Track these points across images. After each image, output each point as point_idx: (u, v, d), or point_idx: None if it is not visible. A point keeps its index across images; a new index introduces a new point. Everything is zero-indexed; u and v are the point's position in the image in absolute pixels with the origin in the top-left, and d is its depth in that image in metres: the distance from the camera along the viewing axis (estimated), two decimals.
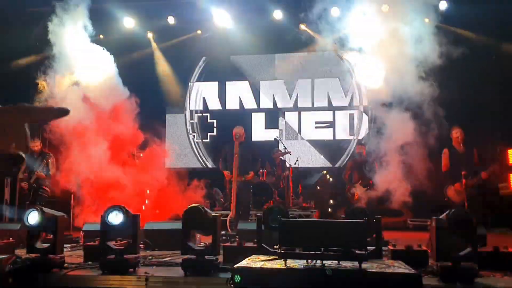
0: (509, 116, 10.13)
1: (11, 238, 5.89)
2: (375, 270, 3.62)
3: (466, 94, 10.09)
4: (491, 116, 10.23)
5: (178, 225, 4.77)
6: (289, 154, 10.97)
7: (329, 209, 10.60)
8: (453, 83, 10.16)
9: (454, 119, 8.76)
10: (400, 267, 3.77)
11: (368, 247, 3.97)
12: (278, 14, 11.23)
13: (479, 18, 10.10)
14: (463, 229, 4.21)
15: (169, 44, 12.27)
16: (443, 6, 10.44)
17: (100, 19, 10.89)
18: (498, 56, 10.59)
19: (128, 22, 11.54)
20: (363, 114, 12.11)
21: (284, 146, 10.94)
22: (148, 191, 9.31)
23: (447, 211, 4.33)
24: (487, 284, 4.07)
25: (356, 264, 3.70)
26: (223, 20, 11.55)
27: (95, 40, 10.15)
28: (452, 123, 7.87)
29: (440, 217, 4.46)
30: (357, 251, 3.78)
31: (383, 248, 4.57)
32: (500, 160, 7.86)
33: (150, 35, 12.13)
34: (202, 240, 6.34)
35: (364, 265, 3.69)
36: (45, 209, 4.76)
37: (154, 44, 12.32)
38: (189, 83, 12.87)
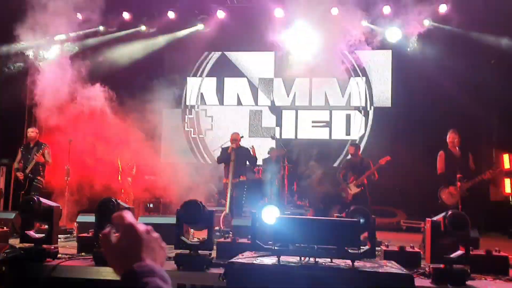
0: (504, 120, 10.20)
1: (5, 227, 5.88)
2: (367, 270, 3.64)
3: (462, 97, 10.14)
4: (487, 121, 10.29)
5: (172, 219, 4.78)
6: (285, 152, 10.97)
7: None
8: (450, 86, 10.24)
9: (451, 122, 8.83)
10: (393, 267, 3.79)
11: (362, 247, 3.99)
12: (279, 12, 11.22)
13: (480, 21, 10.13)
14: (459, 231, 4.23)
15: (169, 39, 12.25)
16: (443, 9, 10.50)
17: (99, 10, 10.88)
18: (497, 60, 10.64)
19: (127, 16, 11.54)
20: (360, 114, 12.14)
21: (280, 144, 10.95)
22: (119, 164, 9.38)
23: (444, 213, 4.36)
24: (478, 287, 4.10)
25: (349, 262, 3.72)
26: (223, 16, 11.54)
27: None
28: (448, 126, 7.92)
29: (435, 218, 4.49)
30: (351, 250, 3.80)
31: (376, 248, 4.59)
32: (499, 165, 7.92)
33: (143, 28, 12.10)
34: (195, 236, 6.35)
35: (356, 264, 3.71)
36: (41, 199, 4.76)
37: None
38: (187, 78, 12.85)
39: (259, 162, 11.16)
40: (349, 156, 9.79)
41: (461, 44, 10.41)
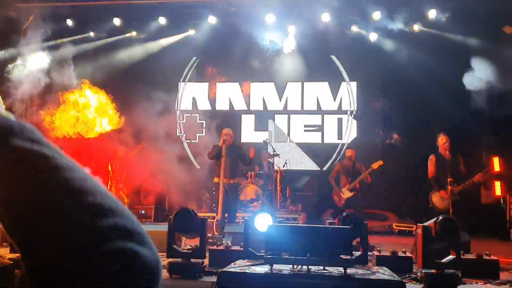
0: (494, 124, 10.28)
1: None
2: (359, 277, 3.66)
3: (452, 101, 10.22)
4: (478, 124, 10.37)
5: (164, 227, 4.77)
6: (277, 156, 10.98)
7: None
8: (440, 90, 10.32)
9: (441, 126, 8.90)
10: (384, 274, 3.80)
11: (354, 252, 4.00)
12: (270, 18, 11.25)
13: (472, 25, 10.22)
14: (450, 236, 4.27)
15: (160, 44, 12.24)
16: (432, 14, 10.58)
17: (89, 17, 10.93)
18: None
19: (117, 22, 11.54)
20: (352, 118, 12.19)
21: (273, 148, 10.96)
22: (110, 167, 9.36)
23: (435, 219, 4.40)
24: None
25: (341, 269, 3.73)
26: (214, 22, 11.57)
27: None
28: (439, 130, 7.97)
29: (426, 223, 4.53)
30: (343, 257, 3.81)
31: (368, 253, 4.61)
32: (489, 167, 7.99)
33: (134, 34, 12.09)
34: (187, 243, 6.34)
35: (349, 271, 3.73)
36: None
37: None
38: (179, 83, 12.84)
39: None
40: (343, 159, 9.82)
41: (450, 49, 10.49)
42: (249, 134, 12.47)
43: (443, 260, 4.30)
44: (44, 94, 8.63)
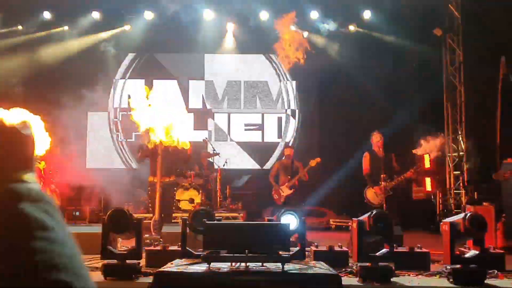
0: (426, 122, 10.75)
1: None
2: (296, 272, 3.68)
3: (386, 100, 10.60)
4: (410, 122, 10.80)
5: (97, 228, 4.58)
6: (217, 155, 10.90)
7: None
8: (374, 89, 10.68)
9: (375, 124, 9.18)
10: (321, 268, 3.85)
11: (292, 248, 4.02)
12: (208, 14, 11.16)
13: (405, 26, 10.66)
14: (383, 230, 4.39)
15: (93, 40, 11.77)
16: (367, 15, 10.94)
17: (18, 9, 10.35)
18: (420, 64, 11.22)
19: (48, 15, 11.02)
20: (291, 117, 12.34)
21: (212, 147, 10.88)
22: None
23: (369, 213, 4.50)
24: (402, 283, 4.28)
25: (279, 265, 3.74)
26: (150, 17, 11.31)
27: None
28: (373, 128, 8.21)
29: (360, 218, 4.63)
30: (281, 253, 3.82)
31: (306, 248, 4.66)
32: (420, 164, 8.32)
33: (66, 28, 11.57)
34: (123, 244, 6.13)
35: (286, 267, 3.74)
36: None
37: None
38: (114, 80, 12.41)
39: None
40: (283, 158, 9.89)
41: (384, 48, 10.89)
42: (187, 133, 12.28)
43: (377, 254, 4.42)
44: None
